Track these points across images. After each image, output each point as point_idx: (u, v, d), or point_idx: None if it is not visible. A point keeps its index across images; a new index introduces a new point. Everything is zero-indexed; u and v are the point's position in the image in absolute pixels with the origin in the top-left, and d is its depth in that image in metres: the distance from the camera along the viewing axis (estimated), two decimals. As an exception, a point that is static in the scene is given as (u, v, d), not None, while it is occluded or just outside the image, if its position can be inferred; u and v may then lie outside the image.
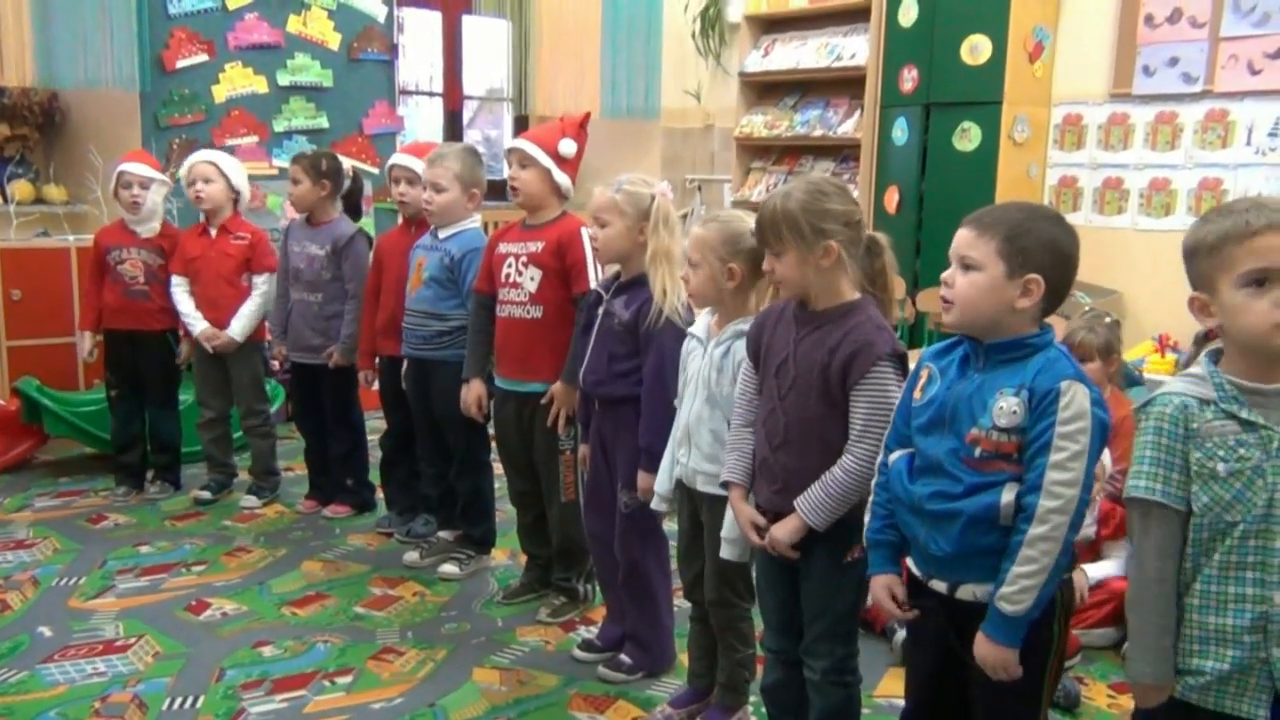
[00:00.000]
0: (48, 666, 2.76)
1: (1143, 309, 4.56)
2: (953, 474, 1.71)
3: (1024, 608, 1.64)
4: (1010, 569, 1.64)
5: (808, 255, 1.98)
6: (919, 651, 1.91)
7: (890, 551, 1.85)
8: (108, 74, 4.83)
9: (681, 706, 2.57)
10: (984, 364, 1.73)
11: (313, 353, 3.86)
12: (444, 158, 3.30)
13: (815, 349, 1.99)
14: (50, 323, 4.60)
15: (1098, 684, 2.78)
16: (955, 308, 1.72)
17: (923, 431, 1.77)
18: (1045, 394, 1.63)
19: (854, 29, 5.78)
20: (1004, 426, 1.66)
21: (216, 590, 3.28)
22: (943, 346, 1.83)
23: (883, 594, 1.84)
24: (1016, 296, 1.68)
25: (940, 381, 1.77)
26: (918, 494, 1.75)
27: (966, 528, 1.69)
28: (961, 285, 1.71)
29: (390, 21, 5.63)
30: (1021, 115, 4.98)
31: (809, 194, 1.99)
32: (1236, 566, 1.53)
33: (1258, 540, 1.52)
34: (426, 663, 2.85)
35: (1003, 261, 1.68)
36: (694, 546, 2.45)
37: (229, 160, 4.06)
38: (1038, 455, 1.63)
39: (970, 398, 1.71)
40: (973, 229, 1.72)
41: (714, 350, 2.30)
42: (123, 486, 4.14)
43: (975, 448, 1.68)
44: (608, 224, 2.62)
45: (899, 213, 5.34)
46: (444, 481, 3.54)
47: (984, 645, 1.69)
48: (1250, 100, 4.42)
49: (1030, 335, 1.70)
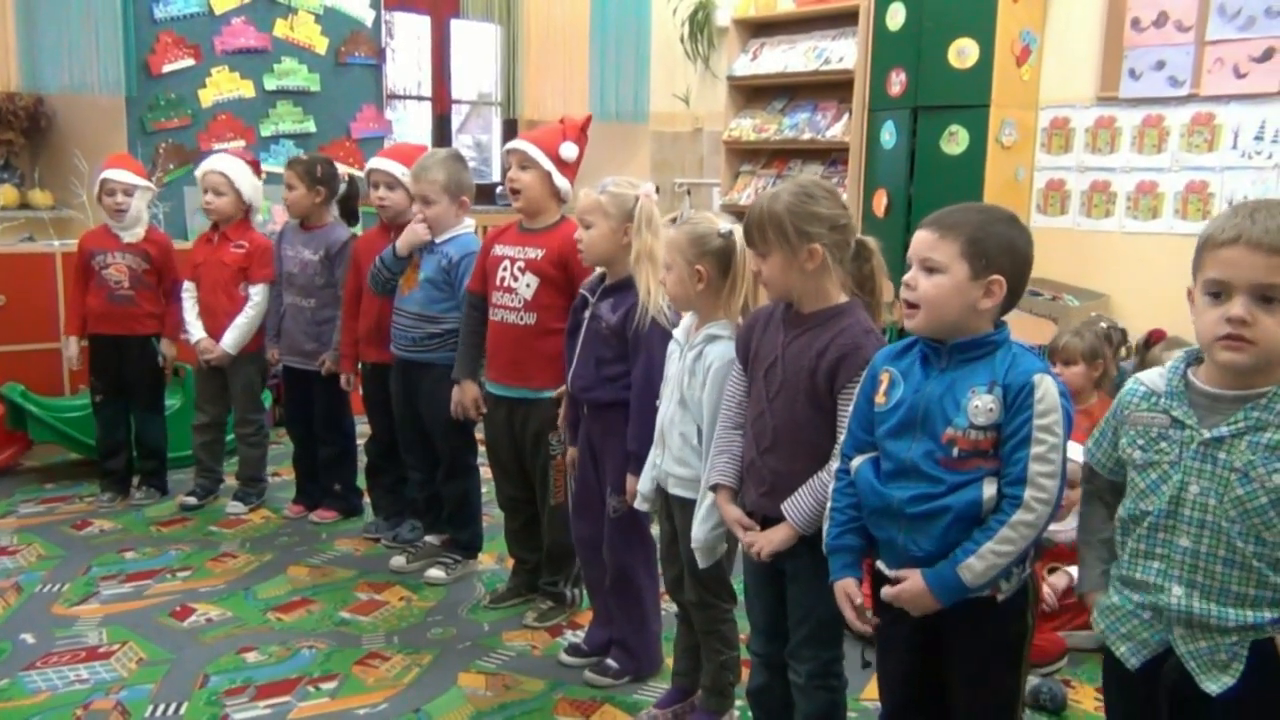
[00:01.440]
0: (30, 674, 2.74)
1: (1130, 311, 4.56)
2: (931, 475, 1.71)
3: (981, 581, 1.67)
4: (983, 542, 1.66)
5: (792, 258, 1.98)
6: (892, 654, 1.90)
7: (851, 557, 1.85)
8: (94, 78, 4.82)
9: (666, 707, 2.57)
10: (947, 364, 1.74)
11: (305, 358, 3.84)
12: (428, 169, 3.27)
13: (803, 352, 1.99)
14: (35, 328, 4.57)
15: (1085, 686, 2.78)
16: (921, 311, 1.74)
17: (891, 435, 1.77)
18: (1020, 389, 1.66)
19: (842, 33, 5.79)
20: (981, 424, 1.67)
21: (201, 596, 3.26)
22: (897, 350, 1.84)
23: (844, 599, 1.83)
24: (980, 297, 1.71)
25: (903, 384, 1.78)
26: (895, 498, 1.74)
27: (950, 526, 1.69)
28: (926, 288, 1.73)
29: (378, 26, 5.63)
30: (1009, 118, 4.98)
31: (796, 196, 1.99)
32: (1145, 555, 1.59)
33: (1164, 534, 1.56)
34: (412, 668, 2.83)
35: (966, 263, 1.70)
36: (672, 548, 2.45)
37: (244, 172, 3.98)
38: (1017, 449, 1.65)
39: (941, 398, 1.72)
40: (933, 231, 1.73)
41: (688, 353, 2.30)
42: (108, 492, 4.12)
43: (953, 447, 1.69)
44: (592, 225, 2.62)
45: (887, 216, 5.34)
46: (430, 485, 3.53)
47: (917, 588, 1.71)
48: (1236, 104, 4.43)
49: (991, 333, 1.73)
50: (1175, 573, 1.54)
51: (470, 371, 3.14)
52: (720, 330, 2.26)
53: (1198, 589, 1.52)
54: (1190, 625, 1.54)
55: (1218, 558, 1.50)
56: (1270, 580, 1.49)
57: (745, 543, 2.10)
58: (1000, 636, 1.77)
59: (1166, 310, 3.87)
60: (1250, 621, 1.50)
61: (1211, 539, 1.51)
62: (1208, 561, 1.51)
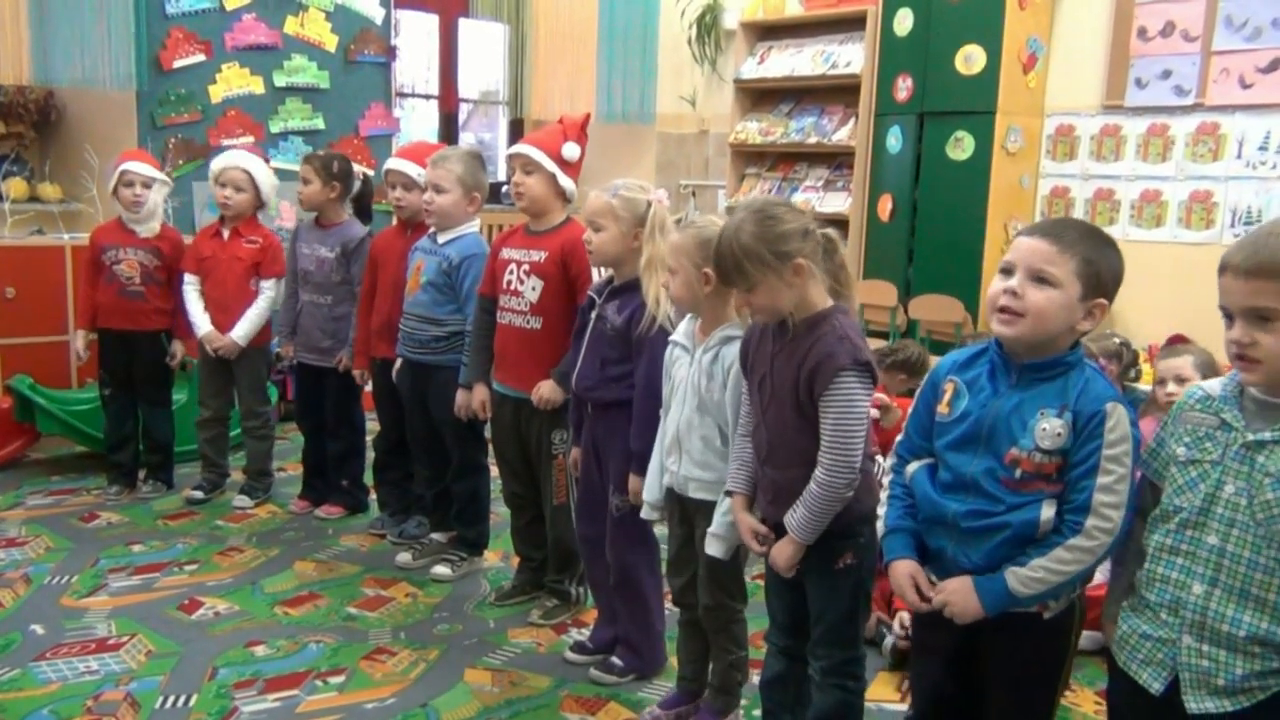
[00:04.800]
0: (40, 664, 2.77)
1: (1134, 320, 4.58)
2: (991, 494, 1.70)
3: (1028, 594, 1.67)
4: (1036, 558, 1.66)
5: (779, 281, 1.97)
6: (927, 659, 1.91)
7: (909, 538, 1.82)
8: (104, 73, 4.84)
9: (670, 709, 2.58)
10: (1017, 380, 1.72)
11: (321, 354, 3.86)
12: (447, 159, 3.29)
13: (787, 364, 2.01)
14: (44, 321, 4.60)
15: (1084, 690, 2.80)
16: (1026, 320, 1.67)
17: (953, 448, 1.76)
18: (1091, 416, 1.65)
19: (849, 37, 5.82)
20: (1047, 449, 1.66)
21: (209, 590, 3.29)
22: (964, 359, 1.81)
23: (905, 581, 1.78)
24: (1081, 318, 1.69)
25: (969, 396, 1.75)
26: (951, 510, 1.74)
27: (1003, 543, 1.69)
28: (1038, 299, 1.67)
29: (387, 24, 5.65)
30: (1015, 125, 5.01)
31: (759, 224, 1.98)
32: (1170, 550, 1.59)
33: (1193, 531, 1.57)
34: (419, 663, 2.86)
35: (1080, 283, 1.67)
36: (684, 553, 2.46)
37: (262, 169, 4.00)
38: (1084, 477, 1.64)
39: (1009, 416, 1.70)
40: (1051, 243, 1.68)
41: (702, 356, 2.31)
42: (115, 485, 4.14)
43: (1016, 468, 1.68)
44: (603, 228, 2.63)
45: (892, 220, 5.37)
46: (438, 483, 3.55)
47: (965, 588, 1.71)
48: (1241, 114, 4.46)
49: (1066, 354, 1.71)
50: (1199, 570, 1.55)
51: (481, 375, 3.14)
52: (735, 330, 2.27)
53: (1219, 587, 1.53)
54: (1202, 631, 1.55)
55: (1242, 558, 1.51)
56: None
57: (758, 555, 2.13)
58: (1041, 653, 1.76)
59: (1170, 318, 3.92)
60: (1263, 631, 1.50)
61: (1239, 539, 1.51)
62: (1233, 561, 1.52)
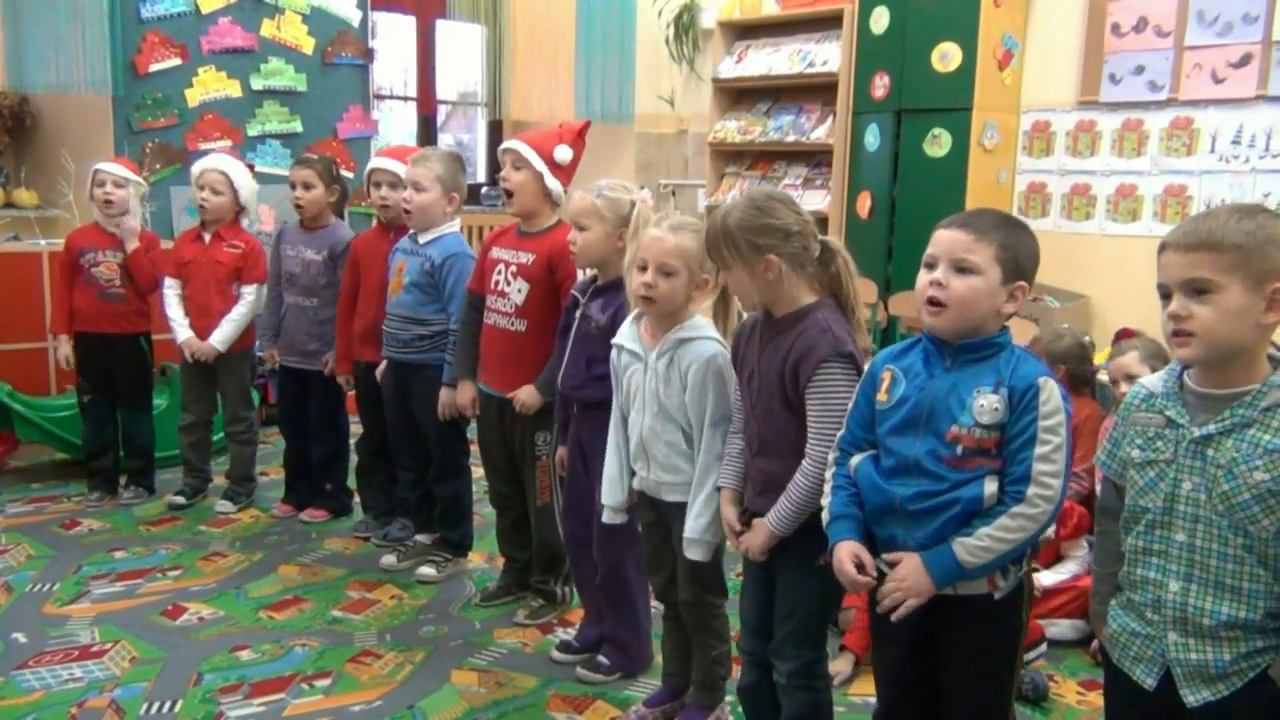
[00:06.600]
0: (23, 673, 2.75)
1: (1110, 313, 4.64)
2: (934, 473, 1.75)
3: (975, 564, 1.71)
4: (981, 528, 1.70)
5: (749, 271, 2.02)
6: (887, 648, 1.94)
7: (853, 524, 1.84)
8: (80, 78, 4.81)
9: (655, 705, 2.59)
10: (952, 363, 1.78)
11: (306, 357, 3.84)
12: (427, 159, 3.30)
13: (773, 357, 2.03)
14: (21, 328, 4.56)
15: (1067, 680, 2.83)
16: (950, 310, 1.74)
17: (895, 433, 1.80)
18: (1025, 390, 1.70)
19: (826, 36, 5.84)
20: (986, 423, 1.71)
21: (193, 595, 3.27)
22: (899, 349, 1.88)
23: (847, 558, 1.79)
24: (1005, 302, 1.75)
25: (906, 382, 1.81)
26: (897, 494, 1.77)
27: (950, 521, 1.73)
28: (960, 288, 1.74)
29: (364, 26, 5.63)
30: (991, 122, 5.05)
31: (747, 211, 2.02)
32: (1144, 551, 1.64)
33: (1162, 530, 1.61)
34: (405, 665, 2.86)
35: (999, 268, 1.73)
36: (660, 551, 2.48)
37: (242, 173, 3.98)
38: (1022, 449, 1.70)
39: (946, 397, 1.75)
40: (968, 233, 1.75)
41: (657, 363, 2.31)
42: (96, 492, 4.11)
43: (957, 445, 1.73)
44: (587, 228, 2.64)
45: (871, 218, 5.40)
46: (421, 484, 3.54)
47: (913, 565, 1.74)
48: (1214, 108, 4.51)
49: (995, 336, 1.77)
50: (1173, 568, 1.59)
51: (467, 372, 3.15)
52: (687, 333, 2.29)
53: (1194, 582, 1.57)
54: (1185, 626, 1.58)
55: (1211, 550, 1.55)
56: (1260, 574, 1.53)
57: (732, 544, 2.15)
58: (995, 633, 1.81)
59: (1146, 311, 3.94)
60: (1240, 619, 1.53)
61: (1205, 533, 1.55)
62: (1203, 555, 1.56)
